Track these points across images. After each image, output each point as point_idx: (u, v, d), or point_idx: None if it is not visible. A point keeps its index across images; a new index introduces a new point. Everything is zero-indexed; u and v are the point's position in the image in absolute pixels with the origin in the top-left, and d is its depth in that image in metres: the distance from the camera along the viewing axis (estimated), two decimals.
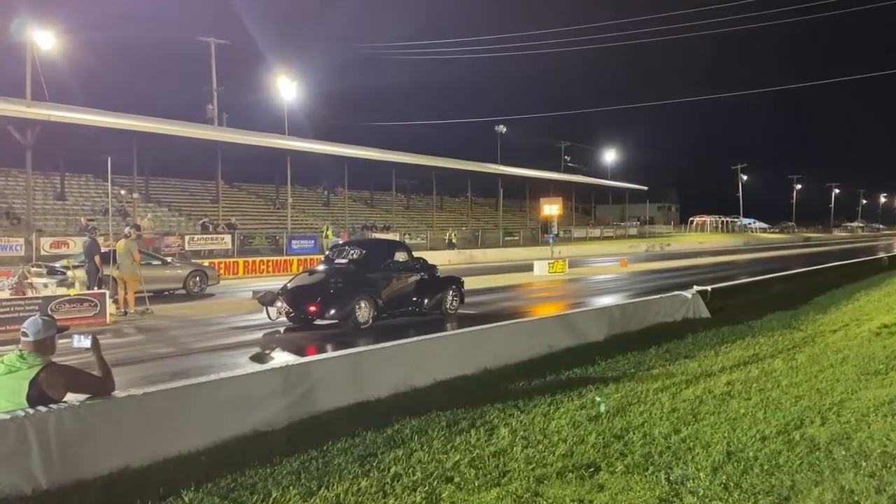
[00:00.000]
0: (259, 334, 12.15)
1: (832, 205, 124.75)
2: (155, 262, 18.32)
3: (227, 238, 31.84)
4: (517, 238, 51.52)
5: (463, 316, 13.71)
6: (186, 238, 30.25)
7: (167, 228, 33.19)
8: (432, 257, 35.69)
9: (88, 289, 13.91)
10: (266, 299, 12.17)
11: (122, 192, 33.82)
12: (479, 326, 8.90)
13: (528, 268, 27.12)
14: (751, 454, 5.11)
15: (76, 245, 23.41)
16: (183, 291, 18.39)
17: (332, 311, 11.75)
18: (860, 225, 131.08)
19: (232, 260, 28.59)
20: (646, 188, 78.22)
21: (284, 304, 11.97)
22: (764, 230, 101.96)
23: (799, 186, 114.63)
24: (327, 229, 37.06)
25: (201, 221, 34.80)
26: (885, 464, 4.83)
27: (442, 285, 14.21)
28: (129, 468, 4.77)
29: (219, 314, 14.78)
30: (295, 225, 39.51)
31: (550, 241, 32.55)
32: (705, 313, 12.74)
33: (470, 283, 22.32)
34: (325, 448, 5.33)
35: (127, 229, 17.04)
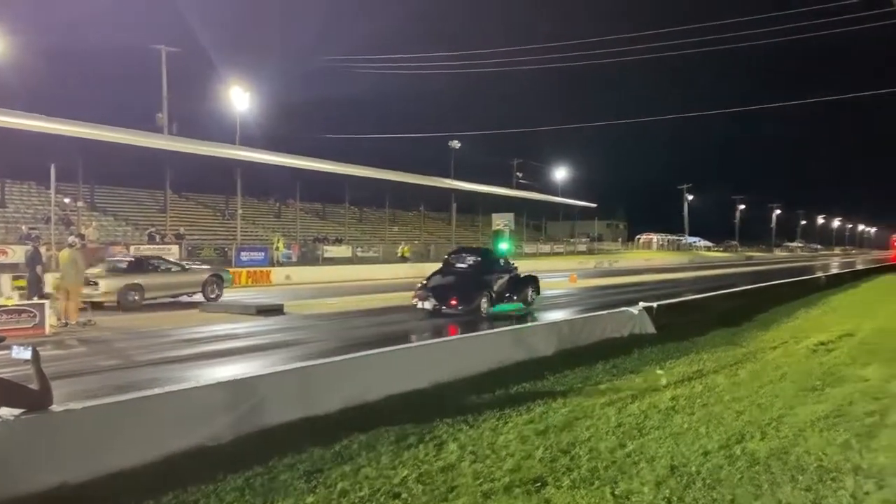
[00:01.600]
0: (207, 347, 11.97)
1: (773, 225, 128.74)
2: (174, 269, 19.59)
3: (175, 249, 31.14)
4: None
5: (430, 327, 13.72)
6: (132, 248, 29.47)
7: (113, 238, 32.30)
8: (384, 271, 35.89)
9: (29, 298, 13.45)
10: (421, 296, 16.51)
11: (66, 200, 32.82)
12: (429, 341, 8.92)
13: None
14: (693, 469, 5.22)
15: (16, 254, 22.61)
16: (200, 297, 19.26)
17: (466, 305, 16.37)
18: (799, 245, 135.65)
19: None
20: (595, 206, 79.53)
21: (433, 300, 16.24)
22: (708, 249, 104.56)
23: (742, 207, 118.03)
24: (278, 241, 36.63)
25: (148, 231, 34.02)
26: (821, 477, 4.99)
27: (525, 282, 18.71)
28: (67, 484, 4.62)
29: (165, 326, 14.44)
30: (245, 236, 38.94)
31: (502, 256, 32.73)
32: (651, 329, 12.98)
33: None
34: (270, 464, 5.25)
35: (71, 238, 16.56)
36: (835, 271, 37.09)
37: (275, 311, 17.11)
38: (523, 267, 21.19)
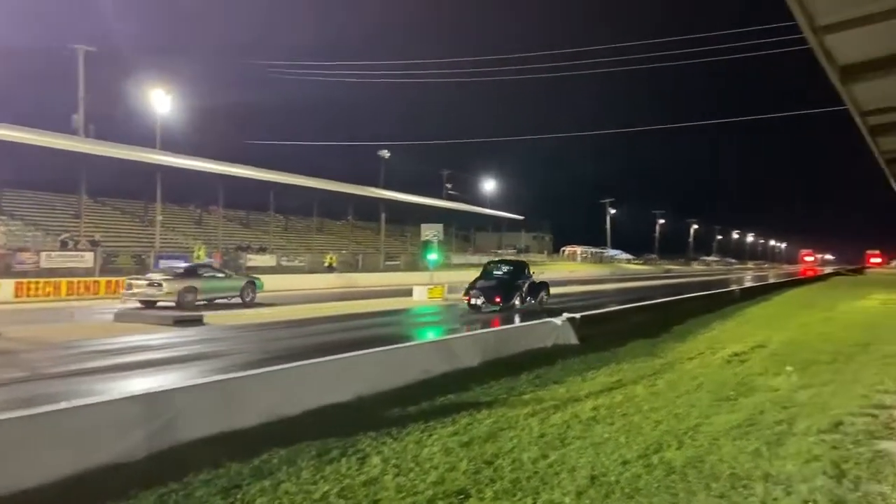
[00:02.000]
0: (121, 359, 11.49)
1: (691, 239, 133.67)
2: (219, 276, 23.26)
3: (89, 256, 29.89)
4: (398, 263, 51.65)
5: (363, 339, 13.55)
6: (43, 255, 28.17)
7: (21, 243, 30.70)
8: (311, 281, 35.39)
9: None
10: (474, 294, 21.38)
11: None
12: (353, 352, 8.78)
13: (408, 293, 27.23)
14: (613, 478, 5.32)
15: None
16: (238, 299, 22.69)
17: (506, 302, 21.59)
18: (715, 259, 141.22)
19: (93, 279, 26.92)
20: (522, 218, 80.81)
21: (482, 297, 21.20)
22: (629, 261, 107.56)
23: (662, 221, 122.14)
24: (199, 249, 35.63)
25: (61, 237, 32.50)
26: (733, 485, 5.16)
27: (540, 287, 23.69)
28: None
29: (76, 337, 13.79)
30: (164, 244, 37.73)
31: (430, 266, 32.80)
32: (574, 340, 13.21)
33: (348, 308, 22.20)
34: (186, 480, 5.07)
35: None
36: (748, 285, 38.70)
37: (193, 321, 16.61)
38: (450, 278, 21.75)
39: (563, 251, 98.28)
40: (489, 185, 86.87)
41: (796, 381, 9.52)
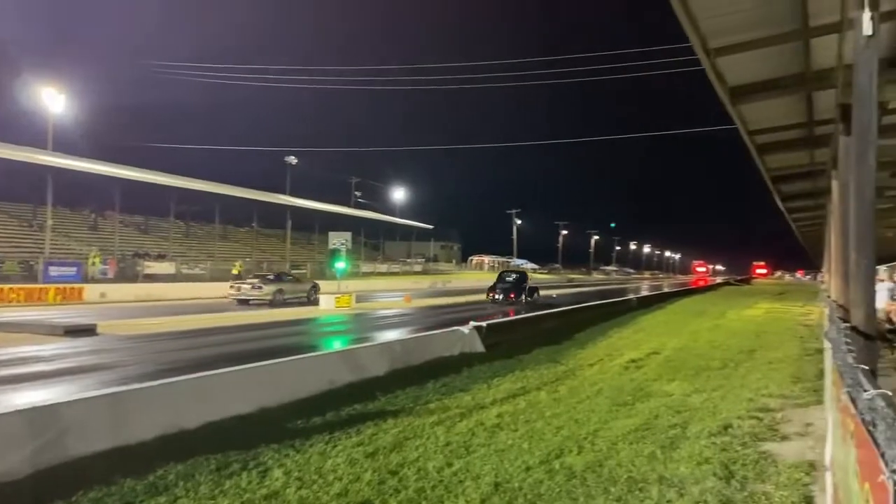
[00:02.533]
0: (5, 371, 10.74)
1: (592, 250, 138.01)
2: (295, 280, 30.94)
3: None
4: (305, 271, 50.79)
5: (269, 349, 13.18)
6: None
7: None
8: (213, 290, 34.26)
9: None
10: (496, 292, 30.53)
11: None
12: (255, 363, 8.55)
13: (315, 301, 26.84)
14: (516, 484, 5.41)
15: None
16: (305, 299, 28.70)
17: (517, 297, 30.26)
18: (614, 269, 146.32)
19: None
20: (431, 227, 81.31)
21: (502, 294, 30.36)
22: (534, 270, 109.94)
23: (565, 232, 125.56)
24: (95, 256, 33.93)
25: None
26: (630, 488, 5.35)
27: (534, 288, 32.51)
28: None
29: None
30: (55, 250, 35.72)
31: (338, 275, 32.46)
32: (481, 348, 13.36)
33: (251, 317, 21.65)
34: (74, 499, 4.83)
35: None
36: (644, 294, 40.27)
37: (86, 331, 15.78)
38: (358, 287, 21.28)
39: (472, 260, 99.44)
40: (399, 194, 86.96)
41: (688, 387, 9.98)
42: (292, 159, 66.09)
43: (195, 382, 7.49)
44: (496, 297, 30.79)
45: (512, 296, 30.68)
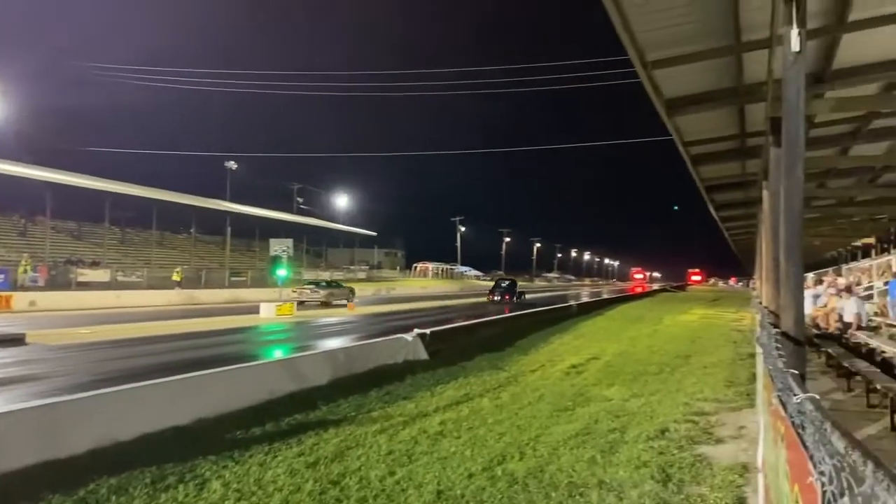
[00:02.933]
0: None
1: (534, 257, 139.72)
2: (334, 286, 38.09)
3: None
4: (245, 279, 49.85)
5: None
6: None
7: None
8: (150, 297, 33.33)
9: None
10: (494, 294, 43.80)
11: None
12: (193, 373, 8.34)
13: (255, 310, 26.38)
14: (458, 492, 5.40)
15: None
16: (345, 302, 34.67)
17: (512, 299, 43.15)
18: (556, 275, 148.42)
19: None
20: (375, 234, 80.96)
21: (500, 295, 43.40)
22: (478, 277, 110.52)
23: (508, 239, 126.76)
24: (26, 263, 32.57)
25: None
26: (571, 493, 5.40)
27: (521, 292, 47.19)
28: None
29: None
30: None
31: (279, 283, 31.96)
32: (424, 355, 13.34)
33: (189, 326, 21.12)
34: None
35: None
36: (584, 300, 40.92)
37: (14, 340, 15.14)
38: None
39: (416, 267, 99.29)
40: (342, 201, 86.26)
41: (627, 391, 10.18)
42: (232, 164, 64.86)
43: (130, 393, 7.26)
44: (496, 297, 43.01)
45: (507, 297, 43.28)
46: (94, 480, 5.40)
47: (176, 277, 38.72)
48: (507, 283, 46.65)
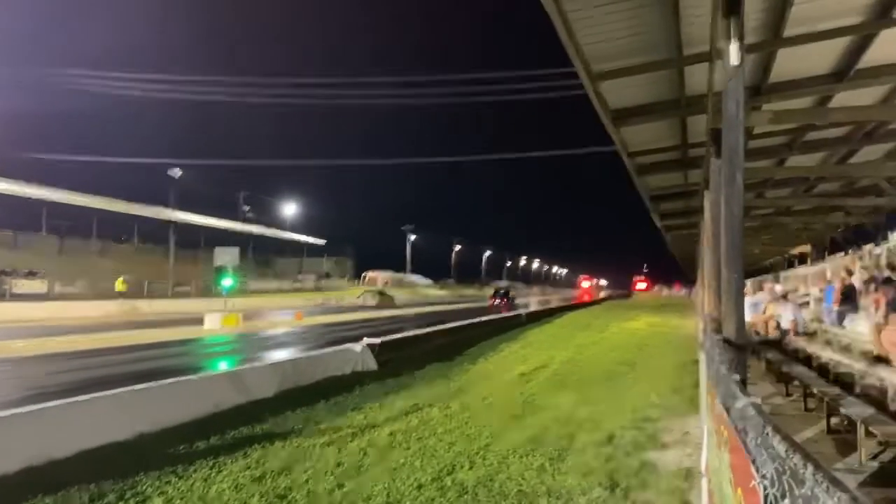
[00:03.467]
0: None
1: (484, 265, 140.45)
2: (389, 290, 59.10)
3: None
4: (189, 289, 48.78)
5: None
6: None
7: None
8: (90, 308, 32.28)
9: None
10: (495, 299, 58.57)
11: None
12: (133, 386, 8.10)
13: (200, 321, 25.81)
14: (408, 503, 5.36)
15: None
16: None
17: (510, 305, 52.67)
18: (506, 284, 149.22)
19: None
20: (323, 242, 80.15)
21: (499, 300, 57.44)
22: (428, 286, 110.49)
23: (458, 247, 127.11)
24: None
25: None
26: (520, 501, 5.42)
27: (514, 297, 64.18)
28: None
29: None
30: None
31: (224, 293, 31.37)
32: (374, 366, 13.25)
33: (131, 338, 20.53)
34: None
35: None
36: (533, 308, 41.28)
37: None
38: (246, 305, 20.50)
39: (365, 276, 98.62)
40: (290, 209, 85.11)
41: (575, 399, 10.28)
42: (176, 171, 63.43)
43: (65, 409, 7.01)
44: (496, 302, 54.80)
45: (505, 301, 55.04)
46: (28, 500, 5.19)
47: (119, 287, 37.54)
48: (503, 290, 63.30)
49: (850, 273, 14.24)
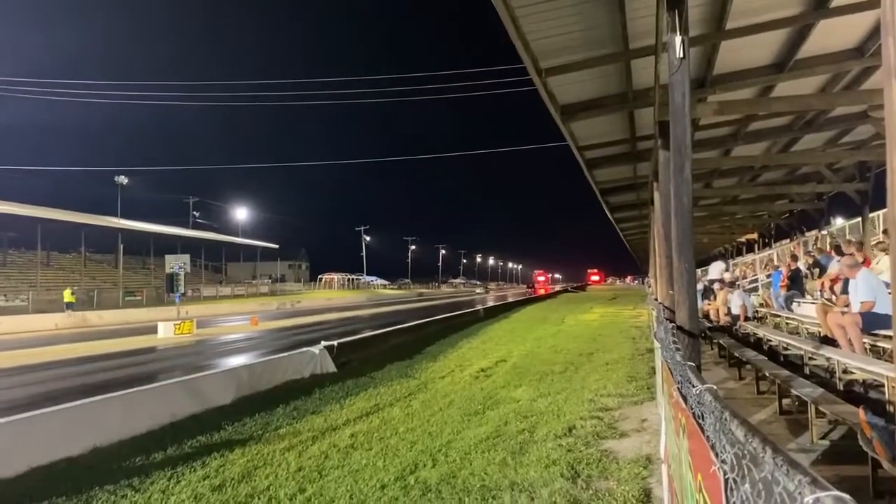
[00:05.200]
0: None
1: (440, 264, 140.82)
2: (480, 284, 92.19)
3: None
4: (140, 298, 47.70)
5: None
6: None
7: None
8: (36, 322, 31.26)
9: None
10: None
11: None
12: (84, 400, 7.87)
13: (153, 330, 25.23)
14: None
15: None
16: None
17: None
18: (462, 281, 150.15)
19: None
20: (277, 246, 79.23)
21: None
22: (384, 286, 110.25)
23: (414, 247, 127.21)
24: None
25: None
26: (484, 497, 5.42)
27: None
28: None
29: None
30: None
31: (177, 300, 30.75)
32: (332, 368, 13.14)
33: (81, 349, 19.96)
34: None
35: None
36: (490, 304, 41.49)
37: None
38: (199, 312, 20.01)
39: (321, 279, 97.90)
40: (241, 214, 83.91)
41: (534, 392, 10.35)
42: (123, 179, 61.98)
43: (12, 427, 6.77)
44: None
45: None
46: None
47: (68, 298, 36.41)
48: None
49: (795, 258, 14.67)
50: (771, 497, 1.25)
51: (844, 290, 8.53)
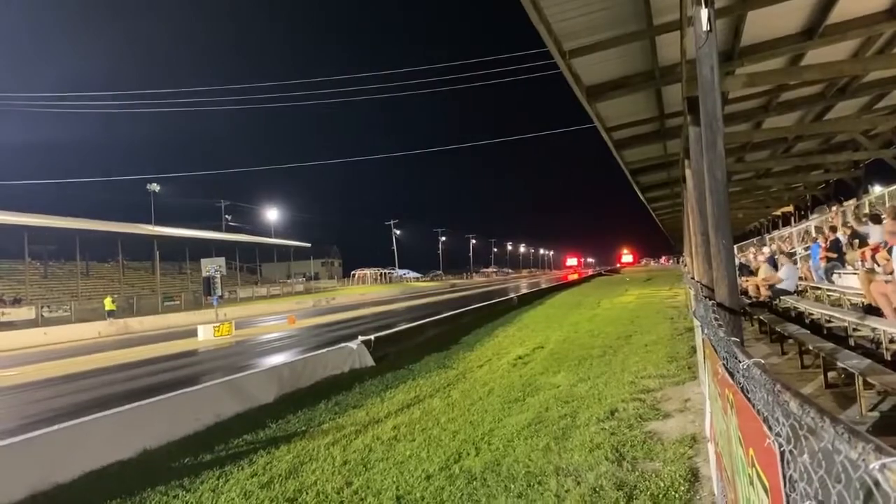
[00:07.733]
0: None
1: (471, 253, 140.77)
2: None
3: None
4: (178, 302, 48.50)
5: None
6: None
7: None
8: (80, 331, 31.98)
9: None
10: None
11: None
12: (132, 404, 8.04)
13: (193, 333, 25.65)
14: (418, 494, 5.35)
15: None
16: None
17: None
18: (494, 270, 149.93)
19: None
20: (309, 245, 79.94)
21: None
22: (417, 279, 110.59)
23: (444, 238, 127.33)
24: None
25: None
26: (530, 483, 5.42)
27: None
28: None
29: None
30: None
31: (214, 303, 31.16)
32: (370, 362, 13.23)
33: (125, 356, 20.37)
34: None
35: None
36: (524, 292, 41.36)
37: None
38: (237, 313, 20.21)
39: (354, 275, 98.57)
40: (273, 215, 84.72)
41: (574, 377, 10.30)
42: (155, 187, 62.95)
43: (65, 433, 6.94)
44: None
45: None
46: None
47: (109, 307, 37.15)
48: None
49: (833, 230, 14.36)
50: (833, 466, 1.22)
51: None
